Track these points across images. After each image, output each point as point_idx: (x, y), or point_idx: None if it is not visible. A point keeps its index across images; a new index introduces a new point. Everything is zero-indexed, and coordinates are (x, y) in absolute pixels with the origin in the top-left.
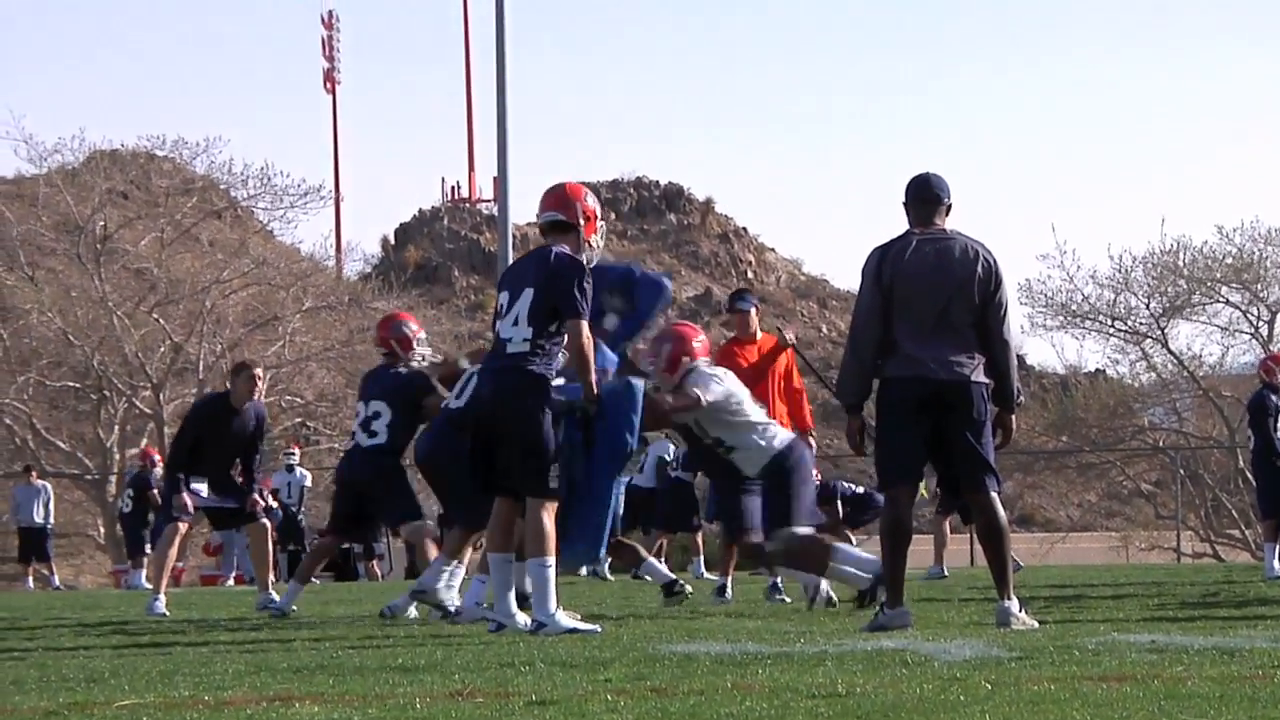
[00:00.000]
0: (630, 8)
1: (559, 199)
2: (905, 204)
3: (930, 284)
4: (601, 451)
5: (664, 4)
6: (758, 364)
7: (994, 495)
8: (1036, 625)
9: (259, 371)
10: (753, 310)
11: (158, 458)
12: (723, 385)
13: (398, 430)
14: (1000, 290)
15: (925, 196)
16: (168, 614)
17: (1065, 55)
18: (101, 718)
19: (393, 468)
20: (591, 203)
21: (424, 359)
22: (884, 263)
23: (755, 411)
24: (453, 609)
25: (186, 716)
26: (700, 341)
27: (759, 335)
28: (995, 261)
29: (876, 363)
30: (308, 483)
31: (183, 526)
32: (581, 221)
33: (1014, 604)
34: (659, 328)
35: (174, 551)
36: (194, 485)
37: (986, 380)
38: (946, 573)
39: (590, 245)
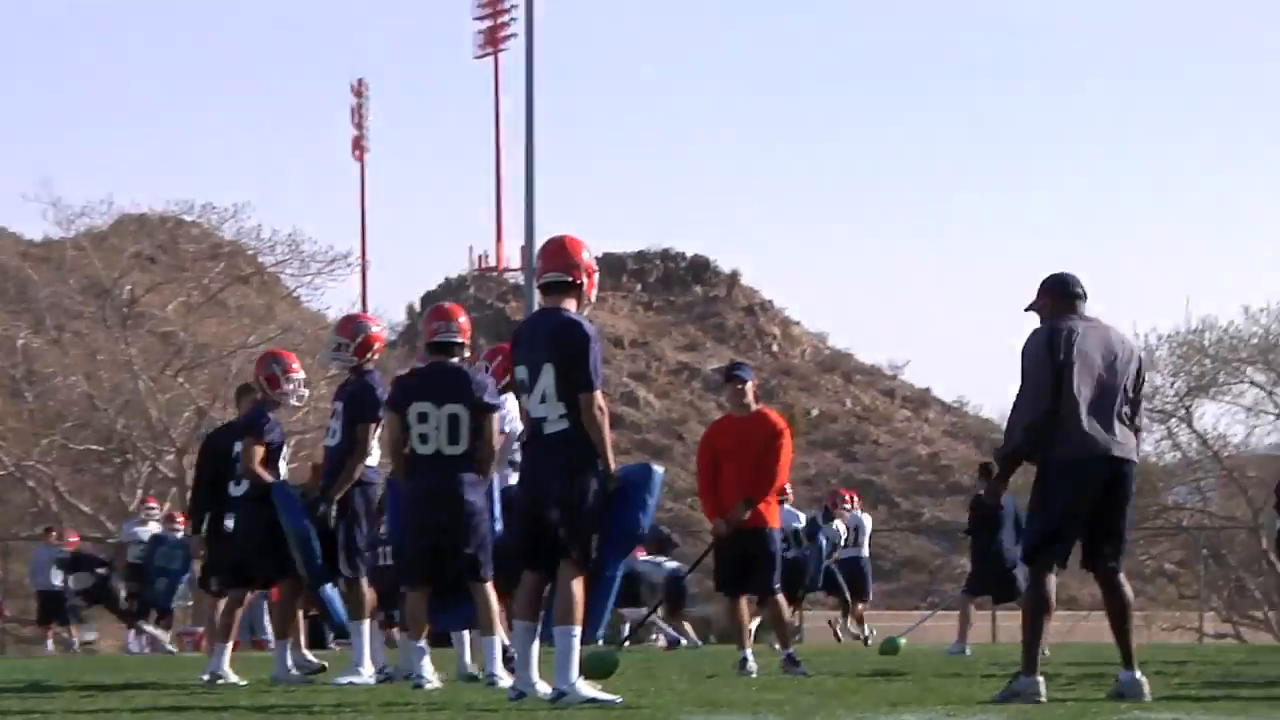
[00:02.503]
0: (659, 78)
1: (560, 257)
2: (1044, 295)
3: (1106, 366)
4: (615, 532)
5: (692, 75)
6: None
7: (1122, 573)
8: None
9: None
10: (749, 383)
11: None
12: None
13: None
14: (1143, 379)
15: (1071, 289)
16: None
17: (1089, 133)
18: None
19: None
20: (588, 257)
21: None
22: (1055, 340)
23: None
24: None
25: None
26: None
27: (752, 409)
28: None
29: (1046, 435)
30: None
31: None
32: (583, 279)
33: (1140, 674)
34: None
35: (223, 615)
36: (227, 523)
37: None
38: (968, 650)
39: (590, 301)
